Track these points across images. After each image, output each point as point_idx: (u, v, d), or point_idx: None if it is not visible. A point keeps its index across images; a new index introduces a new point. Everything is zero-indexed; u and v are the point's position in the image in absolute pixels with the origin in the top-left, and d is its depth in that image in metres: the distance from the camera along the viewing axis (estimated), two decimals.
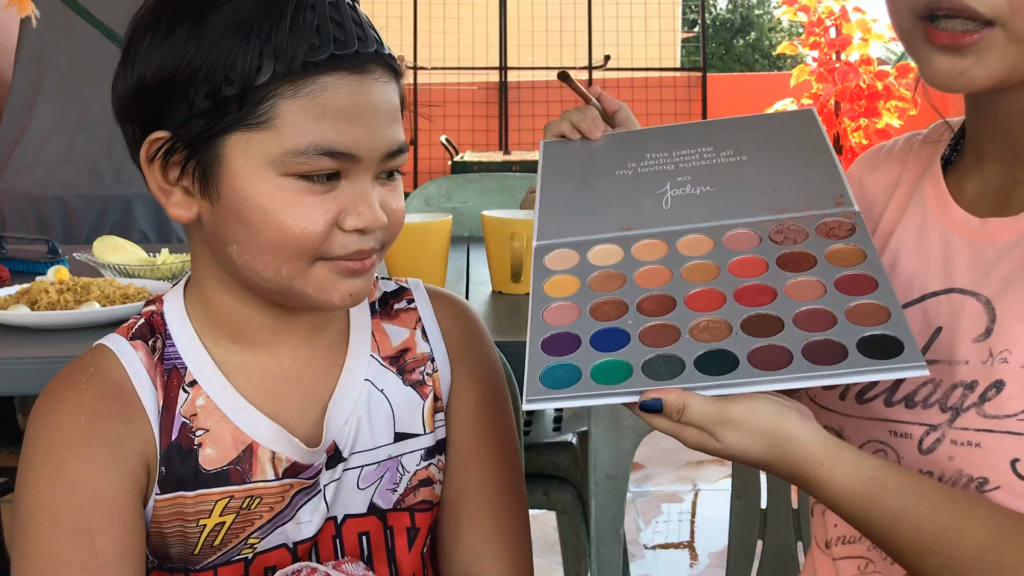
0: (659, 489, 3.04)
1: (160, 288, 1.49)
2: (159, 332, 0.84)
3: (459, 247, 2.02)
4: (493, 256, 1.52)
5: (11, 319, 1.30)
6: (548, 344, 0.76)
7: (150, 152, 0.77)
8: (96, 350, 0.83)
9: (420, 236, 1.43)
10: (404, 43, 6.06)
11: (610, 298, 0.79)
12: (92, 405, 0.79)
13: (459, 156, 5.25)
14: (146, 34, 0.76)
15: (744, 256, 0.80)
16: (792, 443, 0.69)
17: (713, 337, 0.73)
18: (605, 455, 1.20)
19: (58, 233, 3.03)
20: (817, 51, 4.56)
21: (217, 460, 0.81)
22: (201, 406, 0.82)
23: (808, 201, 0.83)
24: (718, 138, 0.92)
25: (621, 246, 0.84)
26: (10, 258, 1.80)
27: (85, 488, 0.76)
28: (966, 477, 0.73)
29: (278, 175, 0.75)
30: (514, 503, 0.93)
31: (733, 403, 0.69)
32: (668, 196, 0.87)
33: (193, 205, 0.78)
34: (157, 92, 0.75)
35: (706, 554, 2.64)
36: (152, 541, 0.82)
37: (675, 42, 7.68)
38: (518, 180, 2.39)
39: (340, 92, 0.75)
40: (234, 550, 0.83)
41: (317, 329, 0.87)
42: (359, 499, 0.87)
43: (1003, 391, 0.71)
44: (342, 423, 0.85)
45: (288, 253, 0.76)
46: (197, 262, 0.84)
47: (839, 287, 0.74)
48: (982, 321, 0.74)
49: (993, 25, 0.69)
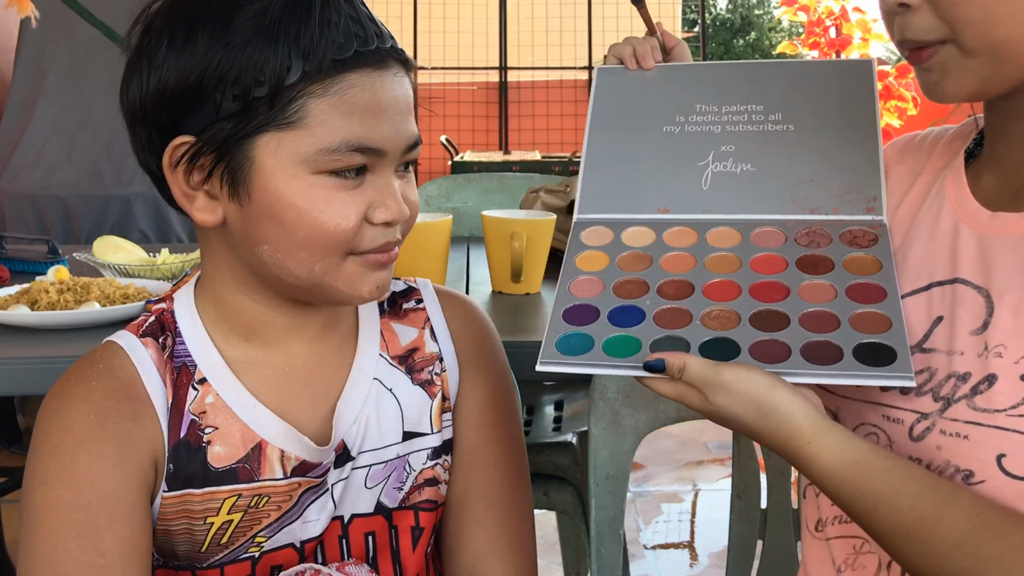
0: (659, 489, 3.04)
1: (160, 288, 1.49)
2: (169, 330, 0.84)
3: (459, 247, 2.02)
4: (493, 256, 1.52)
5: (11, 319, 1.30)
6: (569, 313, 0.82)
7: (174, 158, 0.77)
8: (106, 347, 0.83)
9: (420, 236, 1.43)
10: (404, 43, 6.01)
11: (634, 277, 0.84)
12: (102, 402, 0.79)
13: (459, 156, 5.25)
14: (161, 39, 0.76)
15: (767, 253, 0.83)
16: (780, 415, 0.72)
17: (721, 326, 0.77)
18: (605, 455, 1.20)
19: (58, 233, 3.03)
20: (817, 51, 4.55)
21: (226, 458, 0.82)
22: (210, 404, 0.82)
23: (840, 202, 0.86)
24: (771, 92, 0.92)
25: (655, 229, 0.88)
26: (10, 258, 1.80)
27: (94, 485, 0.76)
28: (953, 468, 0.74)
29: (310, 173, 0.76)
30: (519, 504, 0.93)
31: (727, 367, 0.73)
32: (709, 172, 0.90)
33: (218, 208, 0.78)
34: (181, 97, 0.75)
35: (706, 554, 2.64)
36: (158, 539, 0.82)
37: None
38: (518, 180, 2.39)
39: (366, 89, 0.76)
40: (241, 548, 0.83)
41: (328, 327, 0.87)
42: (366, 498, 0.87)
43: (995, 385, 0.72)
44: (351, 422, 0.86)
45: (322, 249, 0.77)
46: (212, 263, 0.84)
47: (850, 294, 0.78)
48: (981, 314, 0.75)
49: (944, 42, 0.73)
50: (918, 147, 0.91)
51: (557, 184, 1.89)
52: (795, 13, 4.59)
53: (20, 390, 1.21)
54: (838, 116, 0.89)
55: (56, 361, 1.17)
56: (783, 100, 0.91)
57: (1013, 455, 0.70)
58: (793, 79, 0.93)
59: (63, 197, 3.07)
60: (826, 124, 0.89)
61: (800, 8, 4.56)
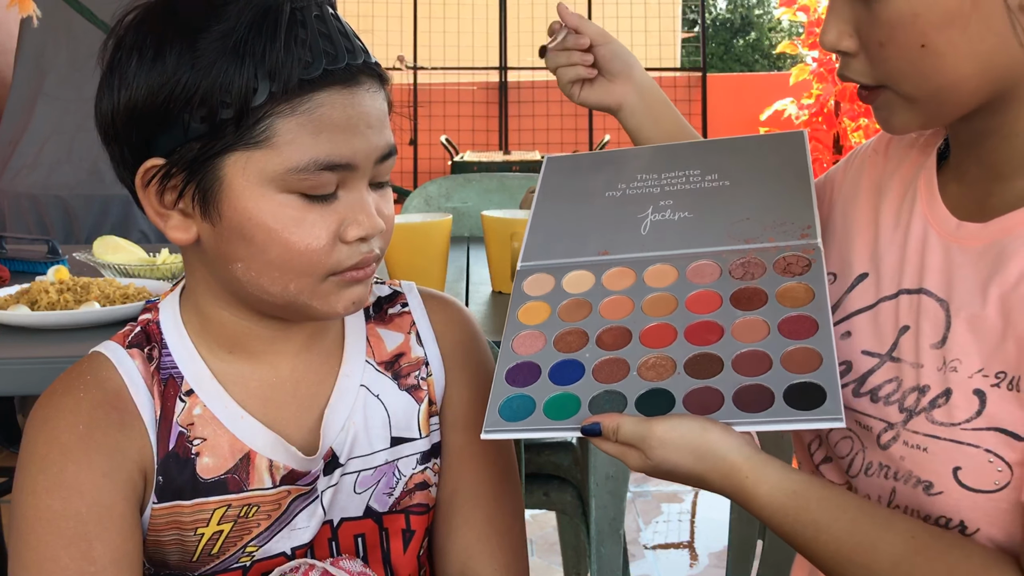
0: (659, 489, 3.04)
1: (160, 288, 1.49)
2: (155, 340, 0.84)
3: (459, 247, 2.02)
4: (493, 256, 1.52)
5: (11, 319, 1.30)
6: (512, 374, 0.84)
7: (145, 179, 0.76)
8: (92, 357, 0.83)
9: (420, 236, 1.43)
10: (404, 43, 6.07)
11: (574, 327, 0.86)
12: (90, 413, 0.78)
13: (459, 156, 5.25)
14: (131, 56, 0.75)
15: (702, 290, 0.86)
16: (715, 455, 0.73)
17: (658, 375, 0.80)
18: (605, 455, 1.20)
19: (58, 233, 3.03)
20: (817, 51, 4.55)
21: (214, 469, 0.82)
22: (198, 415, 0.82)
23: (775, 232, 0.88)
24: (709, 160, 0.97)
25: (594, 272, 0.90)
26: (10, 258, 1.80)
27: (83, 495, 0.76)
28: (915, 479, 0.75)
29: (279, 192, 0.75)
30: (508, 502, 0.93)
31: (657, 422, 0.74)
32: (648, 221, 0.93)
33: (192, 227, 0.78)
34: (150, 117, 0.75)
35: (706, 554, 2.64)
36: (149, 549, 0.82)
37: (675, 42, 7.69)
38: (518, 180, 2.39)
39: (335, 107, 0.75)
40: (232, 558, 0.83)
41: (314, 338, 0.87)
42: (355, 503, 0.87)
43: (951, 400, 0.73)
44: (339, 429, 0.86)
45: (295, 269, 0.77)
46: (192, 278, 0.84)
47: (782, 329, 0.80)
48: (941, 328, 0.76)
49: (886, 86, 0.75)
50: (899, 141, 0.90)
51: None
52: (795, 13, 4.58)
53: (20, 390, 1.21)
54: (772, 172, 0.94)
55: (56, 361, 1.17)
56: (720, 165, 0.96)
57: (968, 468, 0.72)
58: (731, 150, 0.98)
59: (63, 197, 3.07)
60: (760, 178, 0.93)
61: (800, 8, 4.56)
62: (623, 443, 0.76)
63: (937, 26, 0.70)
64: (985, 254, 0.75)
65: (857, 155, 0.93)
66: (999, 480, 0.71)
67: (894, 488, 0.77)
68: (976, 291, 0.74)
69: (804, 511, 0.72)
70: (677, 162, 0.97)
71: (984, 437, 0.71)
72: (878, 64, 0.74)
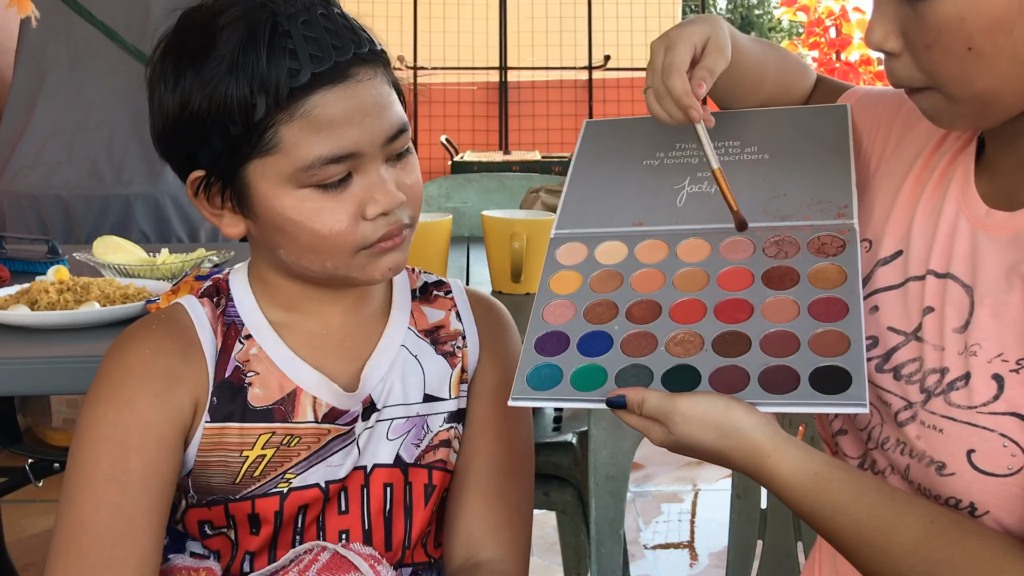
0: (659, 489, 3.04)
1: (160, 288, 1.49)
2: (223, 293, 0.96)
3: (459, 247, 2.02)
4: (493, 256, 1.52)
5: (11, 319, 1.30)
6: (541, 342, 0.84)
7: (193, 187, 0.88)
8: (171, 306, 0.95)
9: (420, 236, 1.43)
10: (404, 43, 6.06)
11: (604, 299, 0.86)
12: (158, 341, 0.90)
13: (459, 156, 5.25)
14: (160, 82, 0.86)
15: (734, 267, 0.85)
16: (739, 433, 0.74)
17: (685, 351, 0.80)
18: (605, 455, 1.20)
19: (58, 233, 3.02)
20: (817, 51, 4.55)
21: (264, 399, 0.91)
22: (254, 355, 0.92)
23: (812, 210, 0.87)
24: (749, 131, 0.96)
25: (627, 243, 0.90)
26: (10, 258, 1.81)
27: (133, 408, 0.86)
28: (928, 458, 0.76)
29: (296, 188, 0.84)
30: (520, 480, 1.00)
31: (682, 397, 0.76)
32: (685, 192, 0.92)
33: (240, 223, 0.90)
34: (182, 137, 0.86)
35: (706, 554, 2.64)
36: (196, 472, 0.91)
37: None
38: (518, 180, 2.39)
39: (329, 104, 0.82)
40: (271, 483, 0.91)
41: (361, 300, 0.96)
42: (387, 449, 0.95)
43: (969, 383, 0.74)
44: (378, 380, 0.95)
45: (327, 250, 0.86)
46: (255, 256, 0.96)
47: (812, 311, 0.80)
48: (964, 313, 0.76)
49: (931, 88, 0.75)
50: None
51: (557, 184, 1.89)
52: (795, 13, 4.58)
53: (20, 390, 1.21)
54: (813, 147, 0.92)
55: (56, 361, 1.17)
56: (760, 137, 0.95)
57: (982, 451, 0.73)
58: (773, 121, 0.97)
59: (63, 197, 3.07)
60: (800, 153, 0.92)
61: (800, 8, 4.56)
62: (647, 417, 0.77)
63: (983, 30, 0.70)
64: (1012, 243, 0.76)
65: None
66: (1012, 465, 0.71)
67: (908, 465, 0.78)
68: (1001, 278, 0.75)
69: (825, 492, 0.73)
70: (717, 132, 0.95)
71: (1000, 421, 0.72)
72: (924, 65, 0.75)
